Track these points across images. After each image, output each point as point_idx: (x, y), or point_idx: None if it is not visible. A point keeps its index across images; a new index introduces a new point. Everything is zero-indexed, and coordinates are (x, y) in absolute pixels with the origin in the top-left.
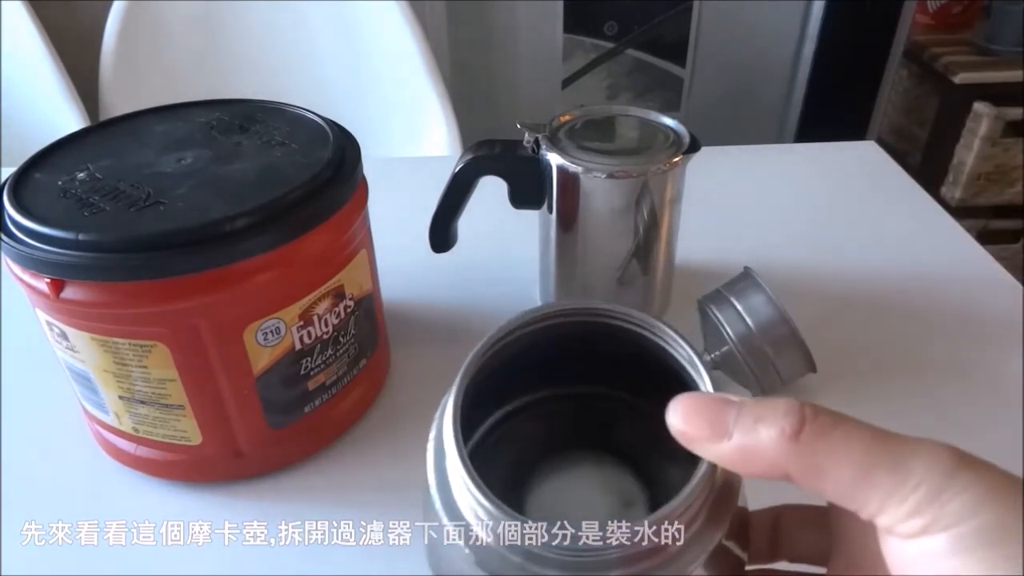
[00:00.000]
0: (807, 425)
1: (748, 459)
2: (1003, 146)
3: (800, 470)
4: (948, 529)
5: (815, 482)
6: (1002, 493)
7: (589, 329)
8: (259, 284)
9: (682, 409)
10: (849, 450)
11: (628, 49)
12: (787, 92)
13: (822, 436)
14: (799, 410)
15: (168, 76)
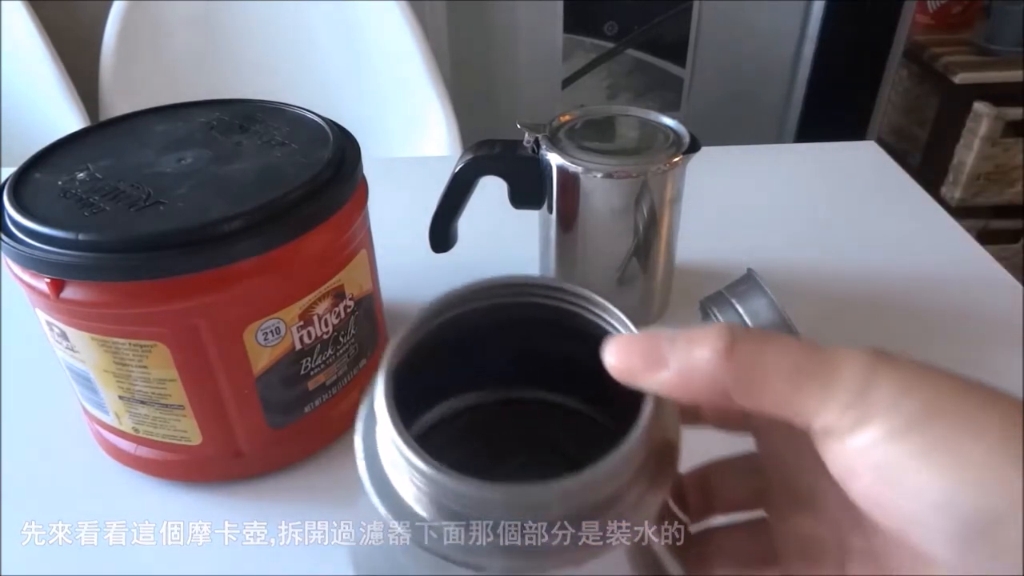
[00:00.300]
0: (739, 343)
1: (688, 383)
2: (1003, 146)
3: (737, 385)
4: (877, 420)
5: (752, 396)
6: (923, 381)
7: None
8: (259, 284)
9: (617, 346)
10: (780, 361)
11: (628, 49)
12: (787, 92)
13: (754, 351)
14: (729, 330)
15: (168, 76)
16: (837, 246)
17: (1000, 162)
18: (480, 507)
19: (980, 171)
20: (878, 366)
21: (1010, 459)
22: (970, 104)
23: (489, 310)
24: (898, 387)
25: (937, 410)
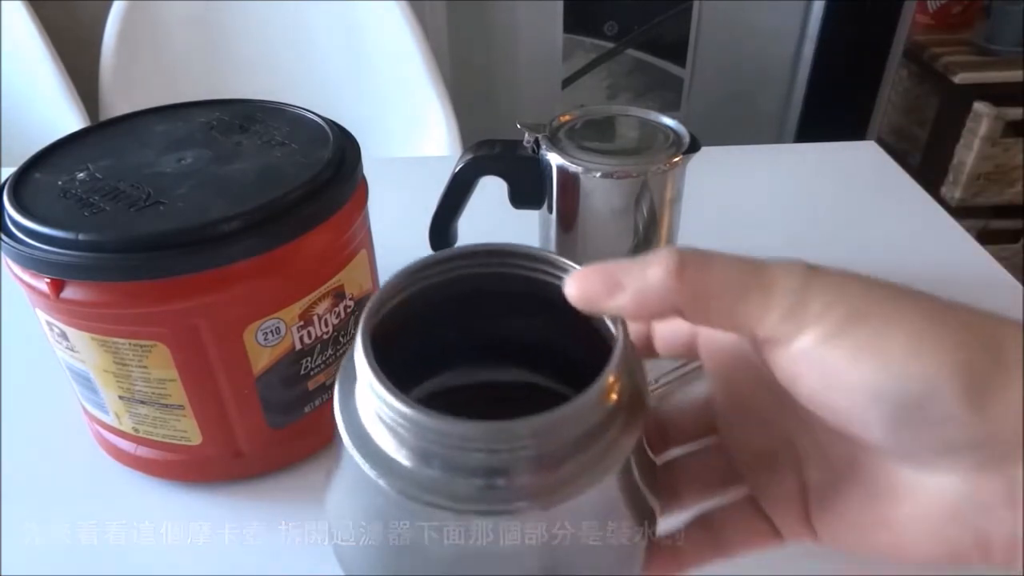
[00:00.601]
0: (687, 261)
1: (644, 303)
2: (1003, 146)
3: (688, 301)
4: (812, 326)
5: (701, 311)
6: (850, 288)
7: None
8: (259, 284)
9: (576, 277)
10: (726, 276)
11: (628, 49)
12: (787, 92)
13: (702, 268)
14: (677, 251)
15: (168, 76)
16: (837, 246)
17: (1000, 162)
18: (458, 445)
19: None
20: (810, 278)
21: (925, 349)
22: (970, 104)
23: (461, 280)
24: (829, 295)
25: (863, 313)
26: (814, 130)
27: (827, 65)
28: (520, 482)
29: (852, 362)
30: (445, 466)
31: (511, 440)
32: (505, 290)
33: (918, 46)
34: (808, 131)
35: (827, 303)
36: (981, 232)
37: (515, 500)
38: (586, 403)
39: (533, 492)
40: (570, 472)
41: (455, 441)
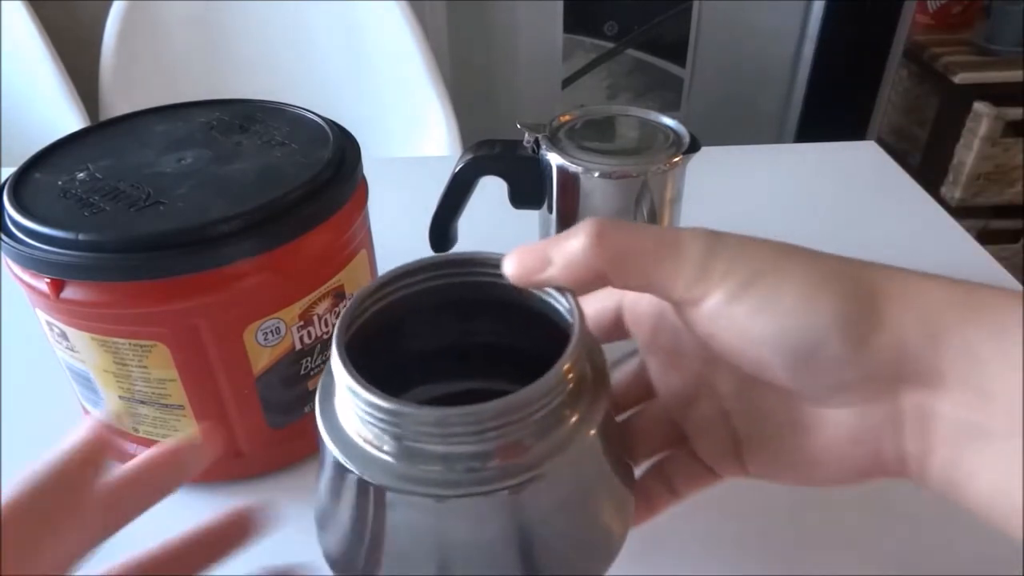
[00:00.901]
0: (606, 231)
1: (572, 271)
2: (1003, 146)
3: (611, 266)
4: (718, 287)
5: (621, 275)
6: (749, 251)
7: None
8: (259, 284)
9: (511, 256)
10: (642, 242)
11: (628, 49)
12: (787, 92)
13: (619, 235)
14: (598, 220)
15: (168, 76)
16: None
17: (1000, 162)
18: (428, 432)
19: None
20: (713, 243)
21: (812, 302)
22: (970, 104)
23: (428, 292)
24: (730, 259)
25: (760, 273)
26: (814, 130)
27: (827, 65)
28: (492, 464)
29: (754, 317)
30: (418, 454)
31: (479, 423)
32: (477, 298)
33: (918, 46)
34: (808, 131)
35: (729, 266)
36: (981, 232)
37: (490, 482)
38: (550, 381)
39: (506, 473)
40: (541, 451)
41: (424, 427)
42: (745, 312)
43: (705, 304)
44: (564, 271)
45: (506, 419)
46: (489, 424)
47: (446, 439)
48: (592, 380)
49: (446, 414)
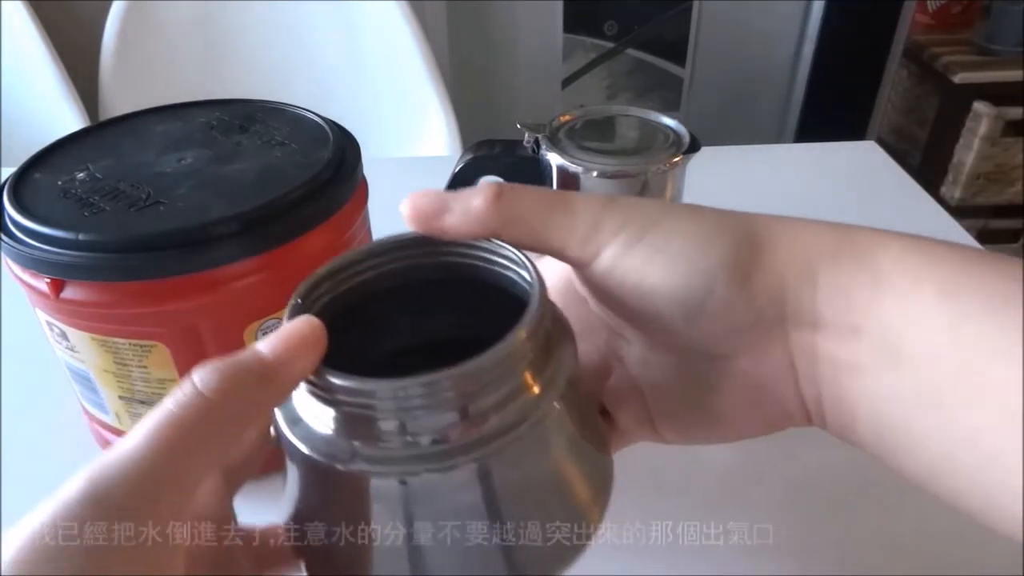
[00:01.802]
0: (504, 192)
1: (466, 223)
2: (1003, 146)
3: (505, 223)
4: (610, 244)
5: (513, 233)
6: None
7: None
8: (259, 284)
9: (411, 197)
10: (535, 203)
11: (628, 49)
12: (787, 92)
13: (516, 196)
14: (497, 184)
15: (168, 76)
16: None
17: (1000, 162)
18: (386, 405)
19: (980, 171)
20: (607, 203)
21: (701, 248)
22: (970, 104)
23: (386, 275)
24: (622, 215)
25: (652, 222)
26: (814, 130)
27: (827, 65)
28: (454, 434)
29: (647, 267)
30: (377, 432)
31: (437, 391)
32: (440, 280)
33: (918, 46)
34: (808, 131)
35: (622, 222)
36: (981, 232)
37: (453, 455)
38: (510, 345)
39: (469, 444)
40: (504, 421)
41: (381, 401)
42: (638, 262)
43: (600, 259)
44: (459, 221)
45: (465, 386)
46: (446, 393)
47: (402, 412)
48: (555, 346)
49: (400, 385)
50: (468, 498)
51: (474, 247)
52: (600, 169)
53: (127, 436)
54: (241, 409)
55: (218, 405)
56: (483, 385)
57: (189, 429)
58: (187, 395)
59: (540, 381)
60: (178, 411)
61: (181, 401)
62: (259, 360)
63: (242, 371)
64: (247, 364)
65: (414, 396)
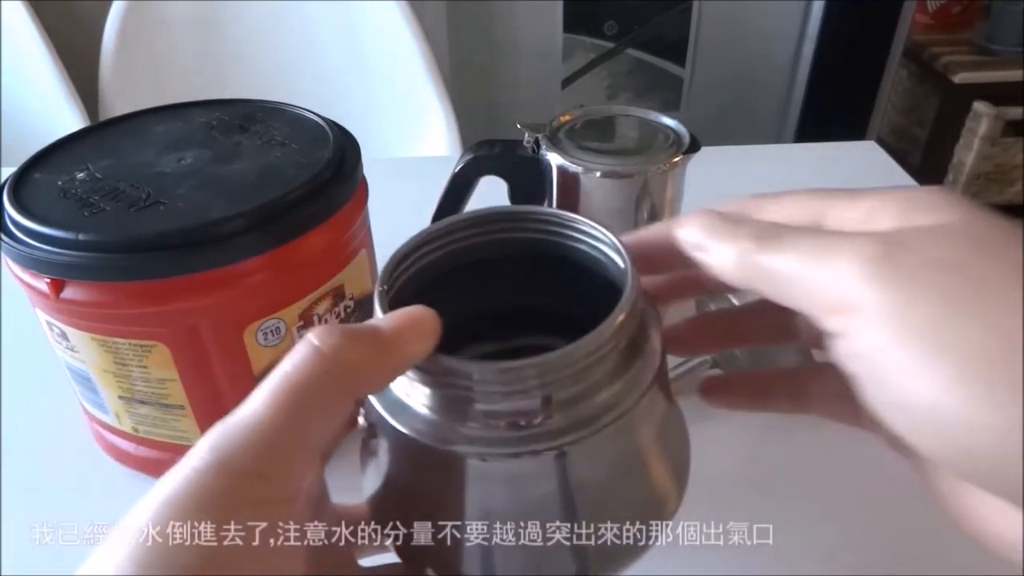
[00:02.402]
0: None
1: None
2: (1003, 146)
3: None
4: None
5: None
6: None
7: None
8: (259, 284)
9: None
10: (787, 266)
11: (628, 49)
12: (787, 92)
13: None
14: (747, 233)
15: (168, 76)
16: None
17: (1000, 162)
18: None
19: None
20: (880, 269)
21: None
22: (970, 104)
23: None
24: (902, 297)
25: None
26: (814, 130)
27: (827, 65)
28: (537, 422)
29: (919, 370)
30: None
31: (523, 379)
32: (522, 254)
33: (918, 46)
34: (808, 131)
35: (900, 303)
36: None
37: (535, 441)
38: (601, 336)
39: (551, 432)
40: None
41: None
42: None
43: (853, 341)
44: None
45: (554, 374)
46: (534, 380)
47: (490, 396)
48: (645, 333)
49: (490, 368)
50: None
51: (561, 223)
52: (600, 169)
53: (246, 401)
54: (358, 375)
55: (337, 366)
56: (573, 372)
57: (311, 388)
58: (306, 355)
59: (632, 369)
60: (296, 372)
61: (299, 362)
62: (378, 333)
63: (363, 338)
64: (367, 333)
65: (514, 379)
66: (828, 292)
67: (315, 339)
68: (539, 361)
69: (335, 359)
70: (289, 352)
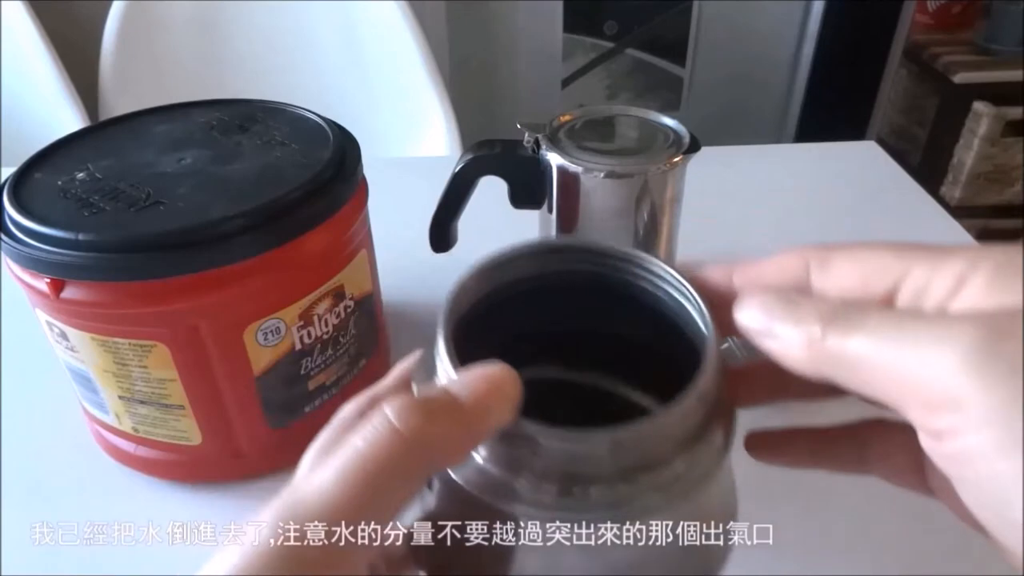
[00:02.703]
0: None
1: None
2: (1003, 146)
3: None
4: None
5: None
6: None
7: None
8: (259, 284)
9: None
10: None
11: (628, 49)
12: (787, 92)
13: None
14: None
15: (168, 76)
16: None
17: (1000, 162)
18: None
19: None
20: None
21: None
22: (970, 104)
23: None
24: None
25: None
26: (814, 130)
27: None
28: (596, 491)
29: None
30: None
31: (589, 450)
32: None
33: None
34: (808, 131)
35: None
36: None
37: (590, 509)
38: (668, 420)
39: (608, 502)
40: (649, 484)
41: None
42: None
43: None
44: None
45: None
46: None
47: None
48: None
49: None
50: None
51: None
52: (600, 169)
53: (313, 474)
54: (438, 454)
55: (417, 447)
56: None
57: (387, 470)
58: (383, 434)
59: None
60: (372, 451)
61: (375, 440)
62: (458, 405)
63: (443, 415)
64: (447, 406)
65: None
66: (922, 386)
67: (394, 418)
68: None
69: (414, 441)
70: (362, 425)
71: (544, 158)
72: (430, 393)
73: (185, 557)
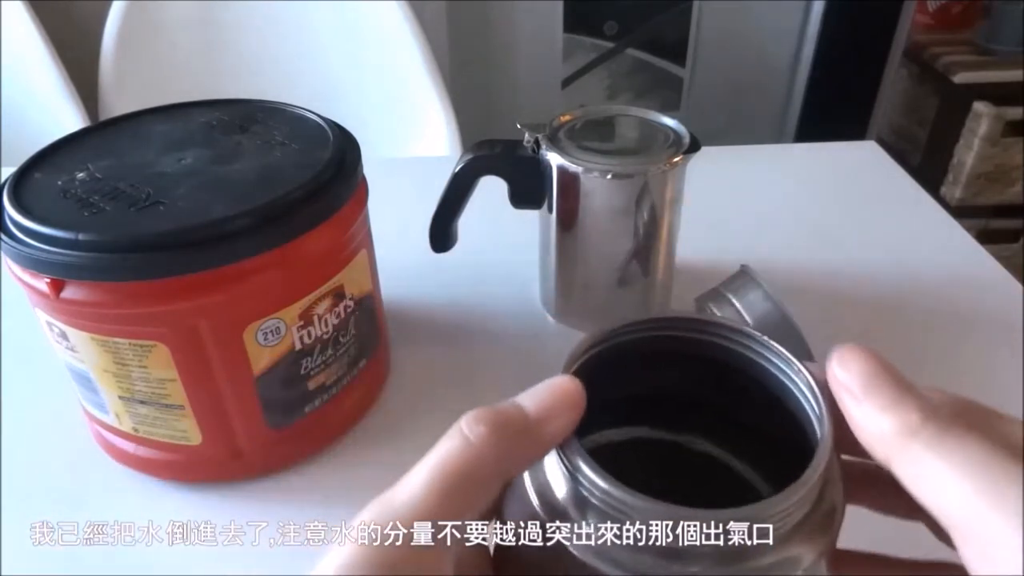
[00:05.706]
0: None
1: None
2: (1003, 146)
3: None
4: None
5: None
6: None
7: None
8: (259, 284)
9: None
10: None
11: (628, 49)
12: (787, 92)
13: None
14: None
15: (168, 76)
16: (837, 246)
17: (1000, 162)
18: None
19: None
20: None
21: None
22: (970, 104)
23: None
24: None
25: None
26: (814, 130)
27: (827, 65)
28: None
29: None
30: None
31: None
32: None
33: (918, 46)
34: (808, 131)
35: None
36: (981, 232)
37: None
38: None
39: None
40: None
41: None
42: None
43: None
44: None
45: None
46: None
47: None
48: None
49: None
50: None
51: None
52: (600, 169)
53: (405, 481)
54: (504, 461)
55: (484, 454)
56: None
57: (460, 477)
58: (455, 443)
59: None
60: (447, 459)
61: (450, 449)
62: (522, 414)
63: (508, 422)
64: (513, 415)
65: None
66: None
67: (464, 427)
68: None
69: (481, 449)
70: (444, 436)
71: (544, 158)
72: (501, 404)
73: (185, 557)
